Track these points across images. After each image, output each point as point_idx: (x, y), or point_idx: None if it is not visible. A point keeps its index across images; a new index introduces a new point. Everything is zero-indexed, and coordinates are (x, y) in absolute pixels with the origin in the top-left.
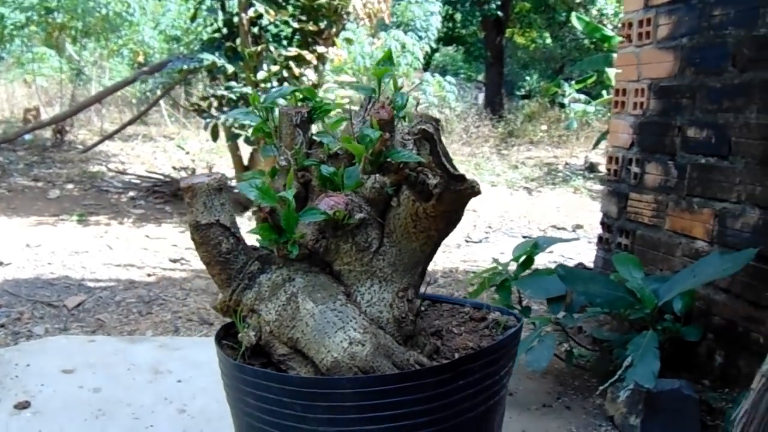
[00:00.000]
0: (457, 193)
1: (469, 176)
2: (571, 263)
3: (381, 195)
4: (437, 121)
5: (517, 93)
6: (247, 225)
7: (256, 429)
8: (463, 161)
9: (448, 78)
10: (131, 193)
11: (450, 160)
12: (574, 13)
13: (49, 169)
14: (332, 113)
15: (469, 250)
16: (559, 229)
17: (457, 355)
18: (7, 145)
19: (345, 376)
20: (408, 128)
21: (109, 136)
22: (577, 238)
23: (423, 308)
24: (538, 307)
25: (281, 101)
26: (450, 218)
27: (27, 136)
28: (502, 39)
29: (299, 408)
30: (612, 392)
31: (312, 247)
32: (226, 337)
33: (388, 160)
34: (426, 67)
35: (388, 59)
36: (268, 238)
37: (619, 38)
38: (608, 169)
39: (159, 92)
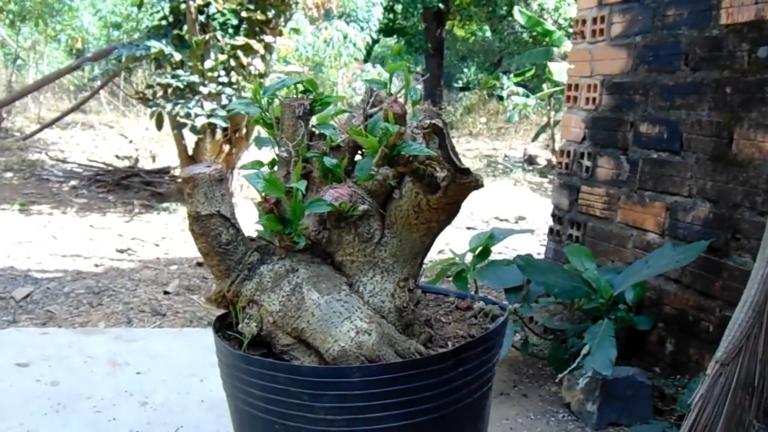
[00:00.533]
0: (462, 186)
1: None
2: (514, 254)
3: (383, 187)
4: (440, 114)
5: (455, 85)
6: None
7: (260, 419)
8: None
9: None
10: (73, 182)
11: (456, 154)
12: (516, 7)
13: None
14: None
15: None
16: (501, 220)
17: (450, 344)
18: None
19: (353, 365)
20: (417, 122)
21: (50, 124)
22: (531, 231)
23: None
24: (494, 296)
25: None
26: (451, 210)
27: None
28: (443, 31)
29: (306, 397)
30: (569, 380)
31: (314, 238)
32: (222, 329)
33: (400, 153)
34: (367, 58)
35: (398, 54)
36: (274, 228)
37: (561, 33)
38: (560, 163)
39: (100, 80)
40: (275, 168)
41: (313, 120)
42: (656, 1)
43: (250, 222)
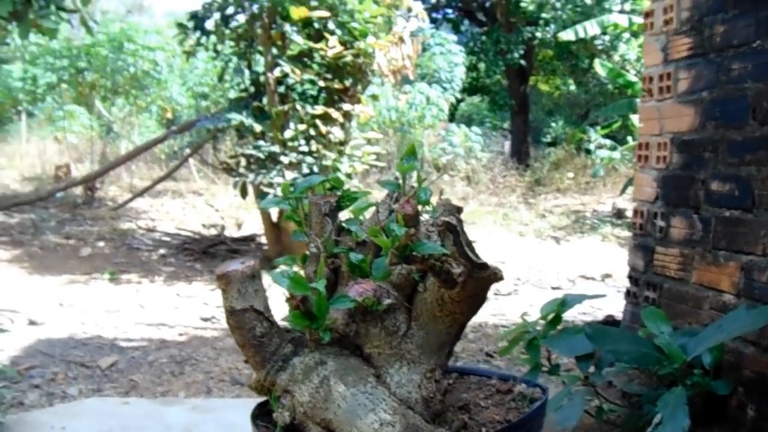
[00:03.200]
0: (481, 280)
1: (496, 228)
2: (600, 314)
3: (408, 281)
4: (459, 209)
5: (543, 140)
6: None
7: None
8: (490, 212)
9: (474, 128)
10: (161, 251)
11: (473, 249)
12: (597, 60)
13: (80, 227)
14: (360, 200)
15: (497, 304)
16: (587, 278)
17: (484, 430)
18: (39, 202)
19: None
20: (432, 219)
21: (140, 194)
22: (604, 295)
23: (451, 381)
24: (567, 361)
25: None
26: (474, 302)
27: (59, 194)
28: (526, 87)
29: None
30: None
31: (343, 331)
32: (261, 416)
33: (413, 253)
34: (451, 117)
35: (411, 154)
36: (301, 324)
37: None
38: (634, 223)
39: (188, 150)
40: (306, 263)
41: (345, 214)
42: (720, 56)
43: None
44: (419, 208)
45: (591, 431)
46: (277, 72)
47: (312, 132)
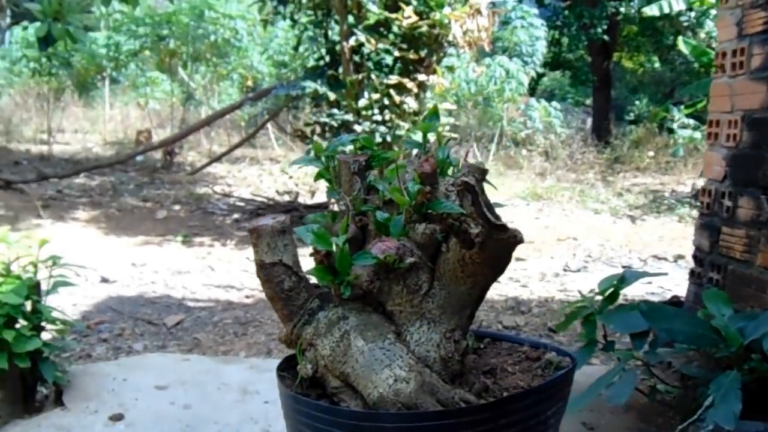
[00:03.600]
0: (500, 242)
1: (572, 204)
2: (669, 295)
3: (431, 240)
4: (483, 171)
5: (626, 118)
6: None
7: None
8: (567, 188)
9: (554, 103)
10: (235, 216)
11: (492, 210)
12: (681, 37)
13: (158, 190)
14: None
15: (566, 279)
16: (660, 259)
17: (505, 394)
18: (119, 165)
19: (388, 411)
20: (452, 179)
21: (217, 159)
22: (665, 273)
23: (482, 346)
24: (627, 340)
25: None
26: (495, 265)
27: (138, 158)
28: (609, 63)
29: None
30: (692, 431)
31: (367, 288)
32: (288, 369)
33: (429, 211)
34: (533, 92)
35: (434, 114)
36: (324, 279)
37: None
38: (701, 202)
39: (265, 116)
40: (336, 220)
41: (374, 174)
42: None
43: None
44: (437, 167)
45: (644, 411)
46: (352, 41)
47: (386, 101)
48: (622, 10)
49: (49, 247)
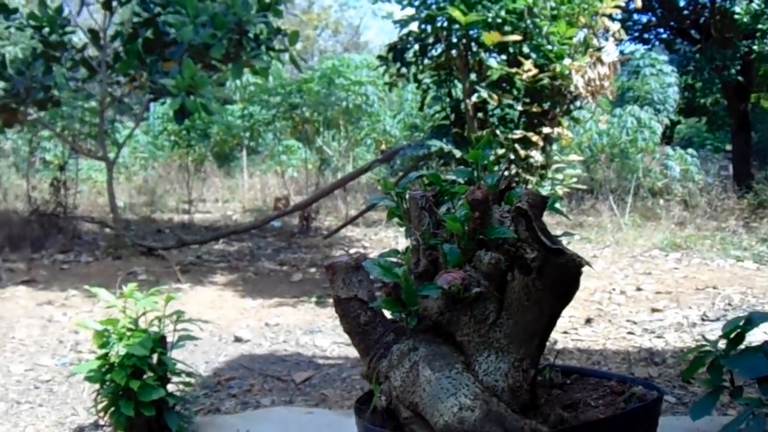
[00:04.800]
0: (560, 267)
1: (712, 252)
2: None
3: (497, 270)
4: (543, 198)
5: None
6: None
7: None
8: (707, 236)
9: (690, 150)
10: None
11: (549, 235)
12: None
13: (294, 254)
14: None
15: (704, 329)
16: None
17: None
18: (257, 231)
19: None
20: (508, 207)
21: (350, 221)
22: None
23: (569, 381)
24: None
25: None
26: (560, 291)
27: (276, 223)
28: (747, 105)
29: None
30: None
31: (436, 319)
32: (366, 402)
33: (481, 237)
34: (669, 140)
35: (486, 144)
36: (392, 310)
37: None
38: None
39: (393, 179)
40: (409, 254)
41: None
42: None
43: None
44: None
45: None
46: (475, 98)
47: (512, 156)
48: (756, 48)
49: (186, 309)
